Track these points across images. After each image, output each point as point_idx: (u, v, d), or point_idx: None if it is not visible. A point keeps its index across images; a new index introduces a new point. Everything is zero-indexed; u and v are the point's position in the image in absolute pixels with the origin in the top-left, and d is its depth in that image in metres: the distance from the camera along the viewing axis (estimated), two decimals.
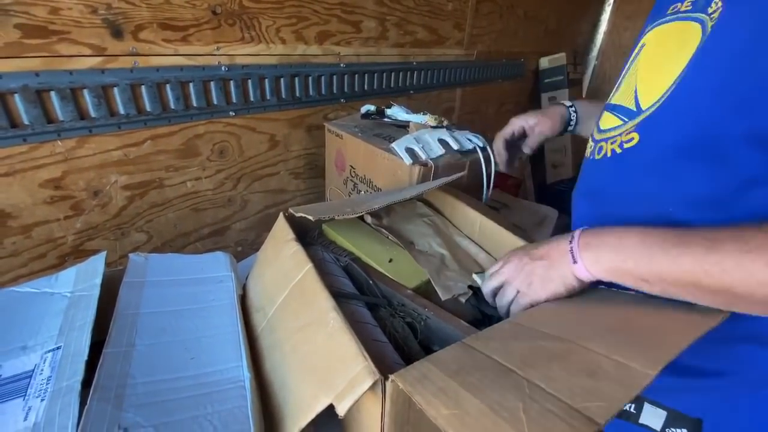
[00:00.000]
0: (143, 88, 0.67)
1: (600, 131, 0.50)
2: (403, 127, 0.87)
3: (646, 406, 0.45)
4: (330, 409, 0.33)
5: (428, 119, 0.78)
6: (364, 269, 0.51)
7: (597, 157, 0.48)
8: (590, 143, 0.52)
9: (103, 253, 0.50)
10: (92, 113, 0.63)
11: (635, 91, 0.44)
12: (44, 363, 0.37)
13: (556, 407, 0.25)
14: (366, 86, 1.07)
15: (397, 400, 0.33)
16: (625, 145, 0.44)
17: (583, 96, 2.29)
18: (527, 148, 0.73)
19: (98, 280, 0.46)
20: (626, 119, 0.45)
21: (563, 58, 1.89)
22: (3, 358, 0.38)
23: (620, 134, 0.45)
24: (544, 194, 2.06)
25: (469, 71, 1.44)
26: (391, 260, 0.55)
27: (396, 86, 1.16)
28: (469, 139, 0.77)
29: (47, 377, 0.36)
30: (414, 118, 0.81)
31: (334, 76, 0.97)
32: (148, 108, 0.69)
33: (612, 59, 2.25)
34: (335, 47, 0.95)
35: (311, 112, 0.96)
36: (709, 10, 0.38)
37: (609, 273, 0.37)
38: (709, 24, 0.37)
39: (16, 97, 0.55)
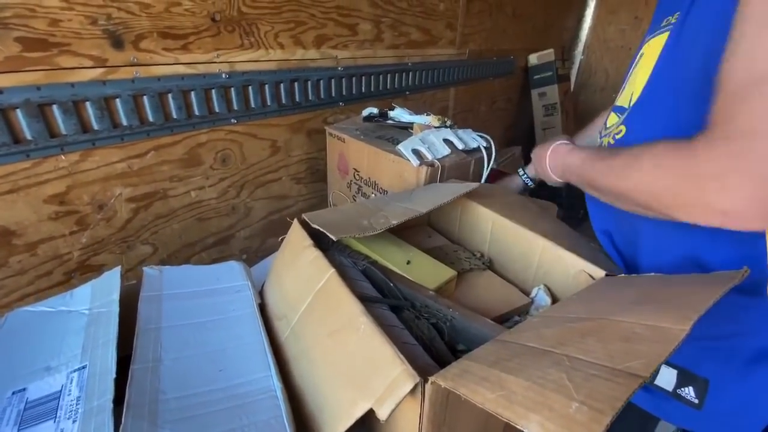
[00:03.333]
0: (145, 99, 0.66)
1: (605, 128, 0.58)
2: (404, 128, 0.87)
3: (662, 368, 0.48)
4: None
5: (431, 120, 0.79)
6: (383, 272, 0.51)
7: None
8: (599, 140, 0.61)
9: (118, 268, 0.50)
10: (95, 126, 0.62)
11: (631, 94, 0.53)
12: (71, 383, 0.36)
13: (598, 371, 0.25)
14: (363, 89, 1.07)
15: (435, 402, 0.33)
16: (617, 137, 0.53)
17: (571, 89, 2.32)
18: None
19: (116, 296, 0.46)
20: (620, 116, 0.54)
21: (551, 54, 1.92)
22: (27, 380, 0.37)
23: (614, 127, 0.54)
24: (540, 189, 2.07)
25: (462, 70, 1.45)
26: (409, 262, 0.55)
27: (392, 88, 1.16)
28: (474, 138, 0.78)
29: (76, 397, 0.35)
30: (417, 119, 0.81)
31: (333, 80, 0.97)
32: (150, 118, 0.68)
33: (597, 53, 2.28)
34: (332, 51, 0.95)
35: (311, 117, 0.96)
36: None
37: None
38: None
39: (18, 112, 0.54)
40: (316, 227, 0.50)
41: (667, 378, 0.49)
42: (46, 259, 0.62)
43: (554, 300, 0.54)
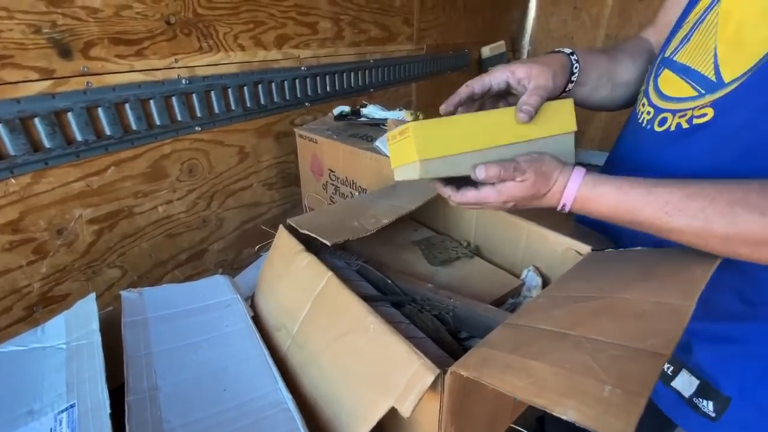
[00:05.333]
0: (100, 111, 0.61)
1: (664, 98, 0.42)
2: (375, 125, 0.87)
3: (683, 372, 0.47)
4: None
5: (404, 114, 0.79)
6: (379, 269, 0.50)
7: (658, 128, 0.42)
8: (645, 107, 0.45)
9: (92, 296, 0.46)
10: (47, 144, 0.56)
11: (715, 56, 0.38)
12: (60, 425, 0.33)
13: (621, 352, 0.26)
14: (328, 88, 1.05)
15: (454, 392, 0.33)
16: (695, 121, 0.39)
17: None
18: (524, 115, 0.40)
19: (95, 325, 0.42)
20: (703, 91, 0.38)
21: (503, 46, 1.98)
22: (9, 428, 0.33)
23: (693, 108, 0.39)
24: None
25: (421, 65, 1.46)
26: None
27: (357, 85, 1.15)
28: None
29: None
30: (390, 114, 0.81)
31: (297, 80, 0.95)
32: (107, 131, 0.63)
33: (543, 43, 2.38)
34: (294, 50, 0.92)
35: (278, 119, 0.93)
36: None
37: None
38: None
39: None
40: (306, 232, 0.49)
41: (685, 383, 0.47)
42: (4, 294, 0.56)
43: (545, 279, 0.56)
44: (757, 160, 0.35)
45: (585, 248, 0.50)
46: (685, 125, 0.40)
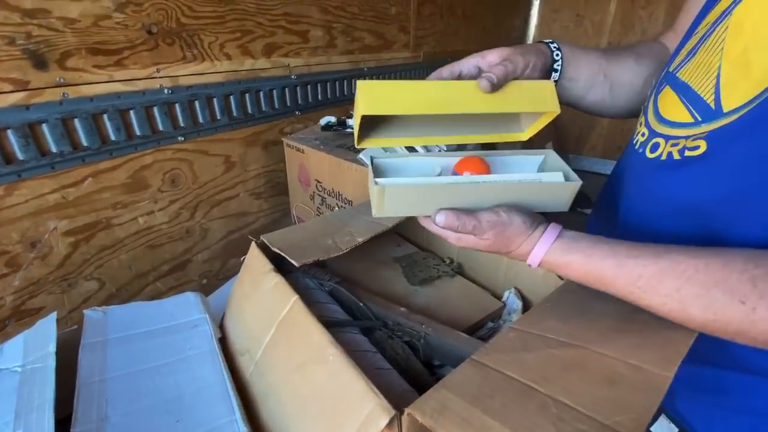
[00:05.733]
0: (77, 122, 0.60)
1: (661, 120, 0.39)
2: None
3: (663, 418, 0.44)
4: None
5: None
6: (352, 291, 0.48)
7: (649, 155, 0.39)
8: (641, 128, 0.42)
9: (53, 315, 0.44)
10: (20, 156, 0.55)
11: (717, 78, 0.33)
12: None
13: (587, 426, 0.24)
14: (320, 96, 1.04)
15: None
16: (687, 153, 0.35)
17: None
18: (485, 82, 0.38)
19: (52, 348, 0.41)
20: (700, 119, 0.34)
21: None
22: None
23: (687, 137, 0.35)
24: None
25: (418, 72, 1.45)
26: None
27: (350, 94, 1.14)
28: None
29: None
30: None
31: (286, 89, 0.94)
32: (84, 142, 0.62)
33: None
34: (284, 59, 0.91)
35: (266, 128, 0.92)
36: None
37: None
38: None
39: None
40: (276, 250, 0.47)
41: (663, 429, 0.44)
42: None
43: (526, 302, 0.54)
44: (745, 208, 0.32)
45: None
46: (676, 156, 0.36)
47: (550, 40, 0.45)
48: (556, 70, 0.44)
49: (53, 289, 0.63)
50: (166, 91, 0.70)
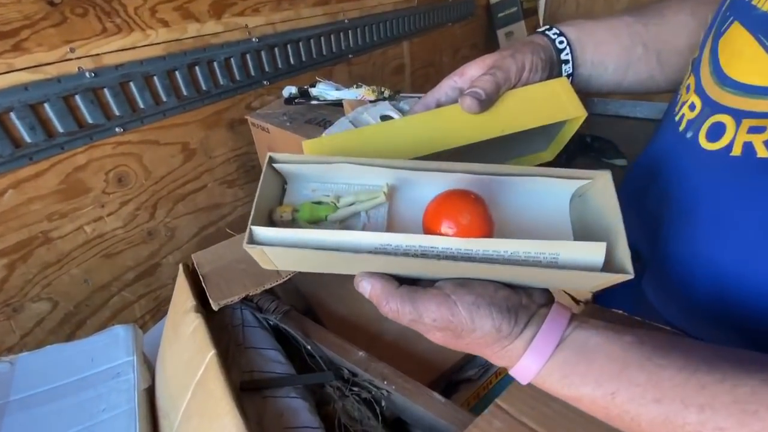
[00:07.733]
0: None
1: (725, 81, 0.25)
2: (339, 105, 0.71)
3: None
4: None
5: (365, 92, 0.63)
6: (301, 325, 0.38)
7: (706, 144, 0.25)
8: (690, 96, 0.27)
9: None
10: None
11: None
12: None
13: None
14: (292, 60, 0.89)
15: None
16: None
17: (540, 24, 2.10)
18: (470, 100, 0.29)
19: None
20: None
21: None
22: None
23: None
24: None
25: (414, 20, 1.25)
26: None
27: (330, 53, 0.98)
28: None
29: None
30: (346, 94, 0.65)
31: (247, 56, 0.79)
32: None
33: None
34: (240, 19, 0.76)
35: (228, 105, 0.79)
36: None
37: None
38: None
39: None
40: (201, 281, 0.37)
41: None
42: None
43: None
44: None
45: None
46: (761, 151, 0.21)
47: (547, 27, 0.36)
48: (566, 62, 0.35)
49: None
50: (87, 74, 0.58)
